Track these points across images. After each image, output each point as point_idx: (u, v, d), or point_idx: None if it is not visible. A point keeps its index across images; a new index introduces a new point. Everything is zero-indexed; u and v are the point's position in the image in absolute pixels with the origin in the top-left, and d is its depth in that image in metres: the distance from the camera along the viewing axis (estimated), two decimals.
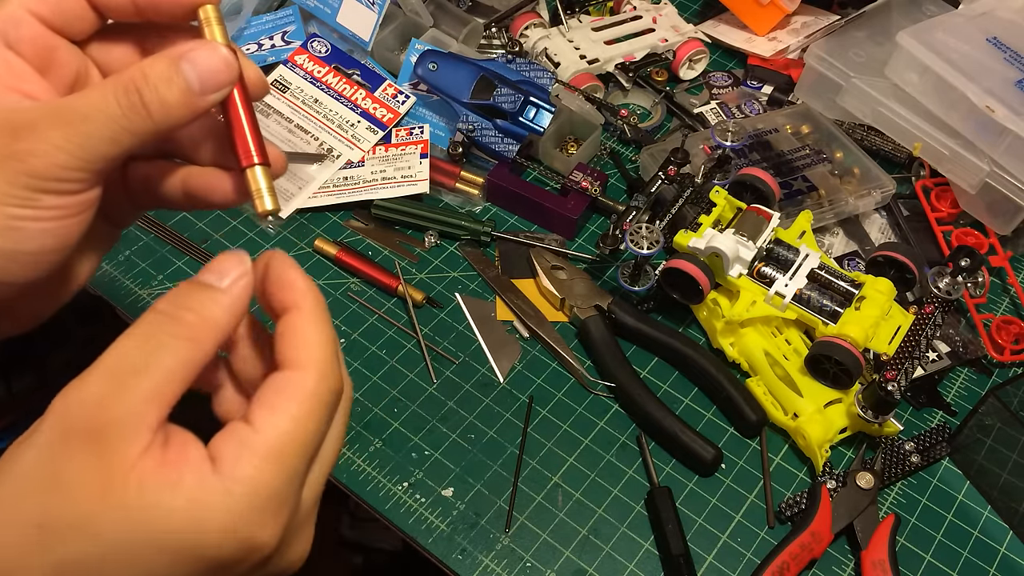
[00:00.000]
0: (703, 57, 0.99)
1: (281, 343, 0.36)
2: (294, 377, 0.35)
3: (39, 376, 1.21)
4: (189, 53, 0.36)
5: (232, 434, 0.33)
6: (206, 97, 0.37)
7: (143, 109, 0.36)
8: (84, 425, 0.32)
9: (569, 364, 0.74)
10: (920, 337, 0.68)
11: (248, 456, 0.33)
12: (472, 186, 0.86)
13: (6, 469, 0.32)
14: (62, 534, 0.31)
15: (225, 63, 0.37)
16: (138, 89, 0.35)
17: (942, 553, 0.66)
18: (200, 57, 0.36)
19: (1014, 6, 0.85)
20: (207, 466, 0.32)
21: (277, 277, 0.37)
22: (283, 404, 0.34)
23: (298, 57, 0.92)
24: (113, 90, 0.36)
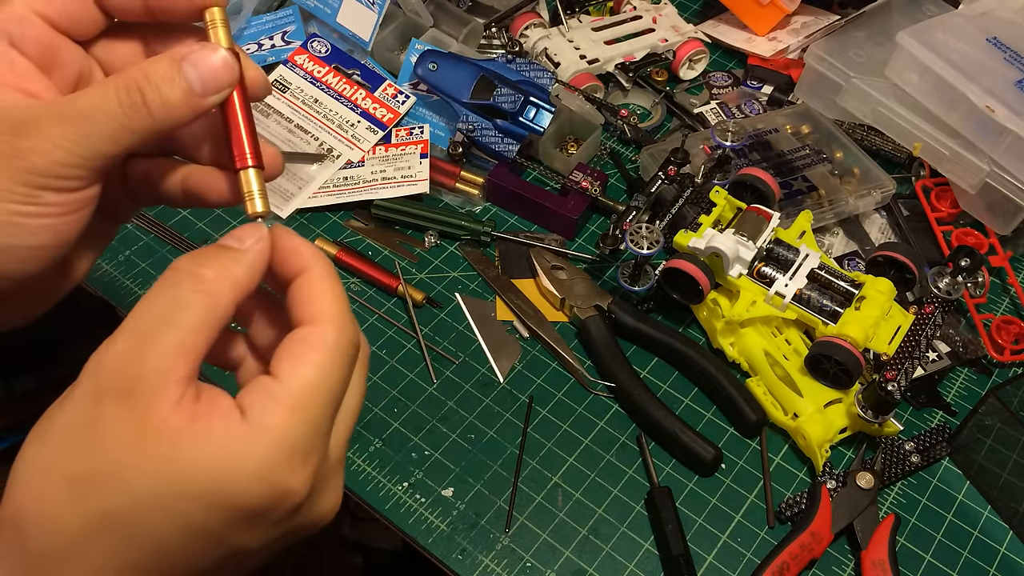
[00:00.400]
0: (703, 57, 0.99)
1: (296, 303, 0.37)
2: (314, 331, 0.36)
3: (39, 376, 1.21)
4: (191, 55, 0.37)
5: (258, 386, 0.34)
6: (207, 98, 0.37)
7: (144, 108, 0.36)
8: (115, 383, 0.33)
9: (569, 364, 0.74)
10: (920, 337, 0.68)
11: (275, 406, 0.33)
12: (472, 186, 0.86)
13: (43, 429, 0.33)
14: (97, 486, 0.32)
15: (226, 65, 0.37)
16: (140, 88, 0.36)
17: (942, 553, 0.66)
18: (202, 58, 0.37)
19: (1014, 6, 0.85)
20: (236, 416, 0.33)
21: (283, 247, 0.38)
22: (305, 355, 0.35)
23: (298, 57, 0.92)
24: (115, 89, 0.36)
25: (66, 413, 0.33)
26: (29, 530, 0.33)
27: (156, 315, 0.34)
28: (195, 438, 0.32)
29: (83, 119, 0.36)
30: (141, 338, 0.33)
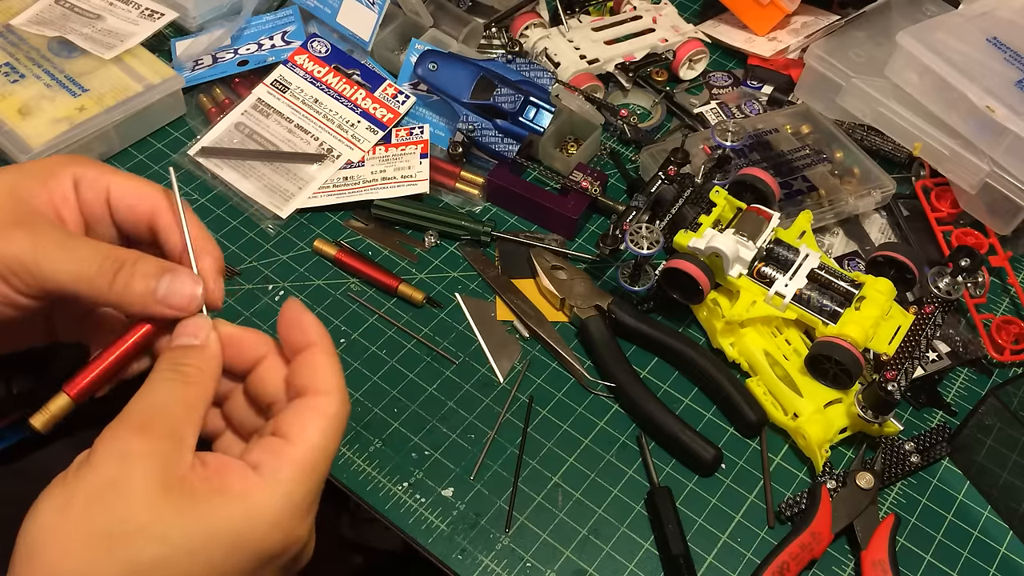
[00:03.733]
0: (703, 57, 0.99)
1: (303, 374, 0.43)
2: (321, 401, 0.42)
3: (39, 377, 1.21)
4: (177, 271, 0.44)
5: (268, 447, 0.40)
6: (159, 308, 0.43)
7: (109, 278, 0.42)
8: (137, 448, 0.37)
9: (569, 364, 0.74)
10: (920, 337, 0.68)
11: (287, 465, 0.39)
12: (472, 186, 0.86)
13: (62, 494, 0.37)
14: (130, 538, 0.36)
15: (191, 299, 0.44)
16: (121, 266, 0.43)
17: (942, 553, 0.66)
18: (179, 281, 0.43)
19: (1014, 6, 0.85)
20: (251, 473, 0.39)
21: (289, 320, 0.44)
22: (314, 422, 0.41)
23: (298, 57, 0.92)
24: (107, 254, 0.43)
25: (87, 478, 0.37)
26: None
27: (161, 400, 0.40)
28: (216, 492, 0.38)
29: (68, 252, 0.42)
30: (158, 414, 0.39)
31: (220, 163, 0.85)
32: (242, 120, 0.88)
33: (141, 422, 0.39)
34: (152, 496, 0.36)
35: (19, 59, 0.88)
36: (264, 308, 0.77)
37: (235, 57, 0.93)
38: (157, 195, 0.47)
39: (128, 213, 0.47)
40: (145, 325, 0.44)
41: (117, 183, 0.47)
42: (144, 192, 0.47)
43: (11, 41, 0.90)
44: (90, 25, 0.92)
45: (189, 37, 0.96)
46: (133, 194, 0.47)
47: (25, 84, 0.86)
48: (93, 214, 0.47)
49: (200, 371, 0.42)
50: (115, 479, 0.36)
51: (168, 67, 0.90)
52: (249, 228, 0.83)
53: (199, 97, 0.92)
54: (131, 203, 0.47)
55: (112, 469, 0.37)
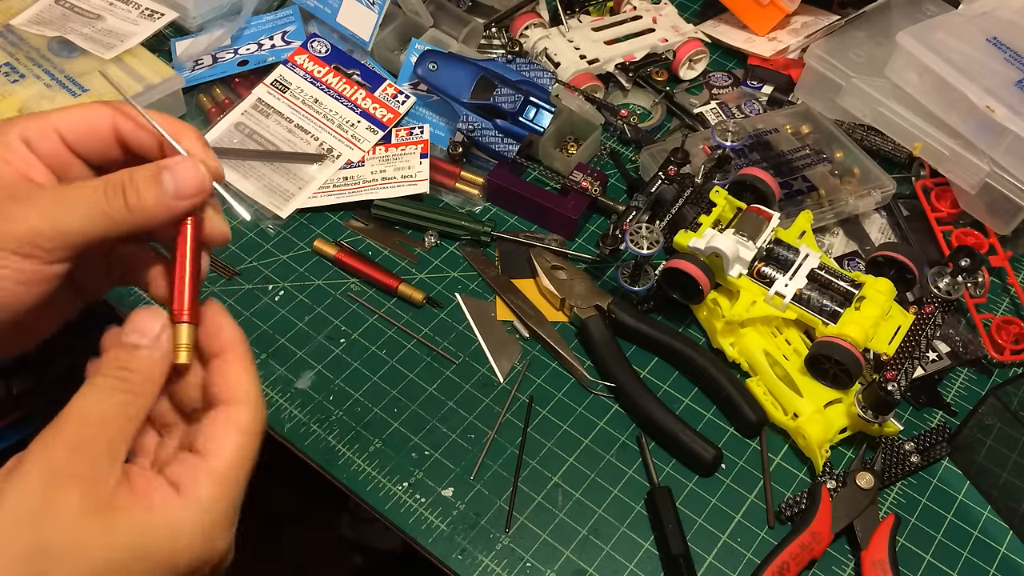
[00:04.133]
0: (703, 57, 0.99)
1: (218, 382, 0.43)
2: (234, 412, 0.42)
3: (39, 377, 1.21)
4: (173, 165, 0.42)
5: (185, 463, 0.40)
6: (180, 202, 0.42)
7: (122, 198, 0.41)
8: (67, 467, 0.37)
9: (569, 364, 0.74)
10: (920, 337, 0.68)
11: (204, 480, 0.40)
12: (472, 186, 0.86)
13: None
14: (58, 559, 0.36)
15: (200, 178, 0.43)
16: (123, 183, 0.42)
17: (942, 553, 0.66)
18: (180, 169, 0.42)
19: (1014, 6, 0.85)
20: (171, 491, 0.39)
21: (208, 324, 0.44)
22: (228, 435, 0.41)
23: (298, 57, 0.92)
24: (104, 183, 0.42)
25: (19, 490, 0.36)
26: None
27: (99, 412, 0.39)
28: (140, 512, 0.38)
29: (71, 201, 0.41)
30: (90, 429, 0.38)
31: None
32: (242, 120, 0.88)
33: (77, 440, 0.38)
34: (79, 520, 0.36)
35: (19, 59, 0.88)
36: (264, 308, 0.77)
37: (235, 57, 0.93)
38: (107, 109, 0.45)
39: (90, 142, 0.45)
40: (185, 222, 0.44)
41: (63, 120, 0.45)
42: (93, 113, 0.45)
43: (11, 41, 0.90)
44: (90, 25, 0.92)
45: (189, 37, 0.96)
46: (83, 121, 0.45)
47: (25, 84, 0.86)
48: (58, 162, 0.45)
49: (146, 380, 0.41)
50: (43, 501, 0.36)
51: (168, 67, 0.90)
52: (249, 228, 0.83)
53: (199, 97, 0.92)
54: (86, 130, 0.45)
55: (40, 488, 0.36)
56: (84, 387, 0.40)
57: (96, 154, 0.46)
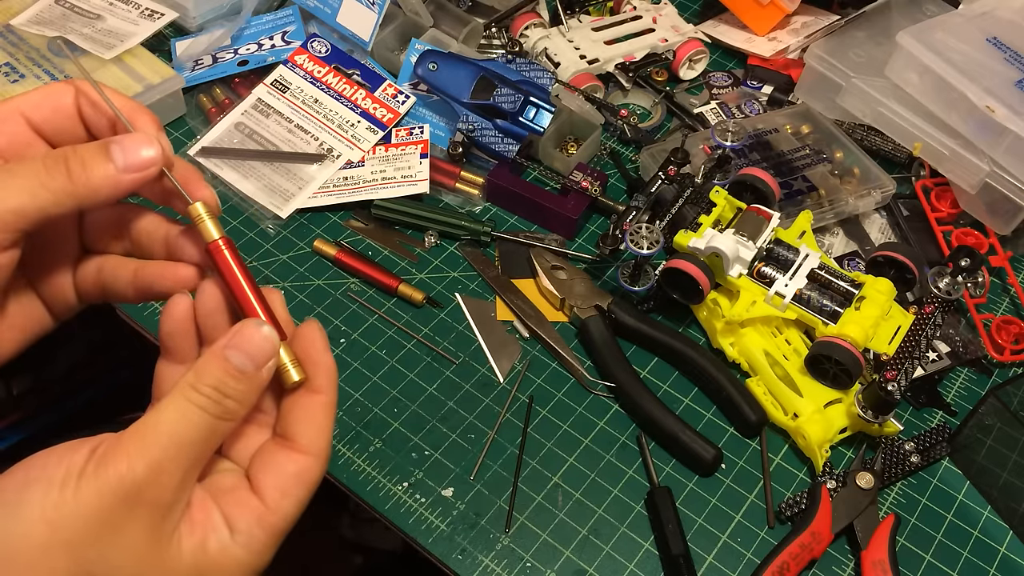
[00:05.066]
0: (703, 57, 0.99)
1: (299, 421, 0.40)
2: (308, 466, 0.40)
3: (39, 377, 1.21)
4: (123, 139, 0.40)
5: (245, 507, 0.39)
6: (128, 175, 0.40)
7: (65, 170, 0.39)
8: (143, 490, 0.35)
9: (569, 364, 0.74)
10: (920, 337, 0.68)
11: (260, 534, 0.38)
12: (472, 186, 0.86)
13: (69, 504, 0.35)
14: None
15: (152, 152, 0.40)
16: (66, 156, 0.39)
17: (942, 553, 0.66)
18: (130, 142, 0.40)
19: (1014, 6, 0.85)
20: (226, 532, 0.38)
21: (307, 351, 0.41)
22: (295, 491, 0.40)
23: (298, 57, 0.92)
24: (45, 157, 0.39)
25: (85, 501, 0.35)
26: None
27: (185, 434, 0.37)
28: (197, 549, 0.37)
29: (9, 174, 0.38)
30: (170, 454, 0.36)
31: (220, 163, 0.85)
32: (242, 120, 0.88)
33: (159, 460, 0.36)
34: (143, 546, 0.36)
35: (19, 59, 0.88)
36: None
37: (235, 57, 0.93)
38: (69, 88, 0.43)
39: (55, 121, 0.43)
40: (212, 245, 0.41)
41: (26, 102, 0.43)
42: (56, 92, 0.43)
43: (11, 41, 0.90)
44: (90, 25, 0.92)
45: (189, 37, 0.96)
46: (46, 101, 0.43)
47: (25, 84, 0.86)
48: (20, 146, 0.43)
49: (240, 407, 0.39)
50: (117, 523, 0.35)
51: (168, 67, 0.90)
52: (249, 228, 0.83)
53: (199, 97, 0.92)
54: (50, 109, 0.43)
55: (115, 507, 0.35)
56: (175, 399, 0.37)
57: (61, 134, 0.44)
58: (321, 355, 0.41)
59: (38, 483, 0.35)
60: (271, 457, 0.40)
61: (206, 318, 0.43)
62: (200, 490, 0.39)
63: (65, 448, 0.36)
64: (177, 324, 0.43)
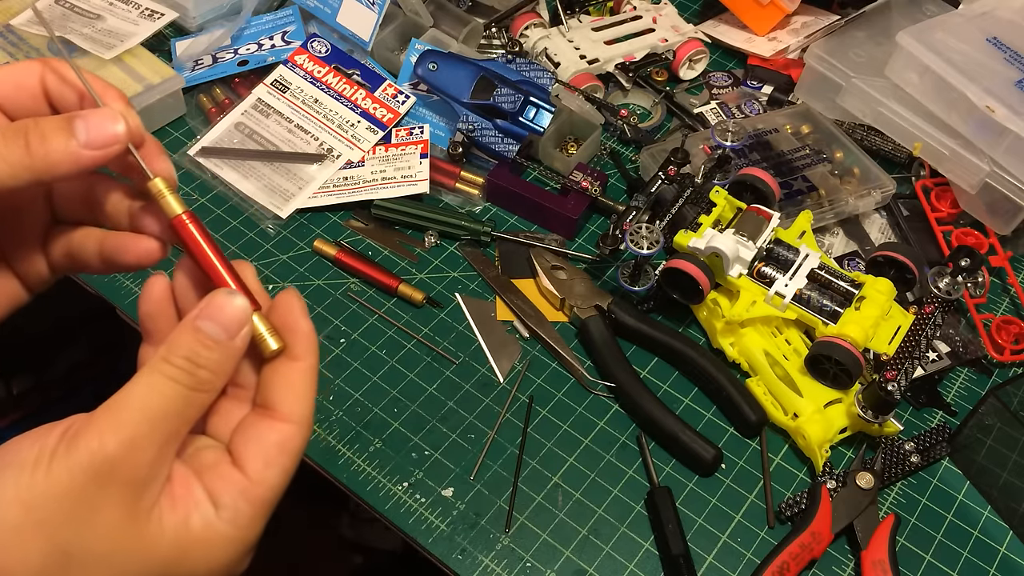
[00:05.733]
0: (703, 57, 0.99)
1: (279, 389, 0.39)
2: (290, 434, 0.39)
3: (39, 377, 1.21)
4: (88, 114, 0.39)
5: (228, 480, 0.37)
6: (90, 152, 0.38)
7: (24, 148, 0.37)
8: (117, 466, 0.34)
9: (569, 364, 0.74)
10: (920, 337, 0.68)
11: (246, 507, 0.37)
12: (472, 186, 0.86)
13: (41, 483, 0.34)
14: (88, 564, 0.34)
15: (117, 129, 0.39)
16: (26, 129, 0.38)
17: (942, 553, 0.66)
18: (95, 117, 0.39)
19: (1014, 6, 0.85)
20: (210, 508, 0.37)
21: (284, 319, 0.40)
22: (279, 460, 0.38)
23: (298, 57, 0.92)
24: (4, 127, 0.38)
25: (55, 484, 0.34)
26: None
27: (158, 407, 0.36)
28: (179, 525, 0.36)
29: None
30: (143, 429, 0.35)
31: (220, 163, 0.85)
32: (242, 120, 0.88)
33: (132, 435, 0.35)
34: (117, 527, 0.35)
35: (19, 59, 0.88)
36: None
37: (235, 57, 0.93)
38: (35, 65, 0.42)
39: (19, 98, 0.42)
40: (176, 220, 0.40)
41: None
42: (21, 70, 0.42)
43: (11, 41, 0.90)
44: (90, 25, 0.92)
45: (189, 37, 0.96)
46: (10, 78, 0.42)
47: None
48: None
49: (215, 378, 0.37)
50: (91, 501, 0.34)
51: (168, 67, 0.90)
52: (249, 228, 0.83)
53: (199, 97, 0.92)
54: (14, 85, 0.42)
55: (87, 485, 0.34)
56: (147, 372, 0.36)
57: (23, 111, 0.42)
58: (299, 321, 0.40)
59: (11, 467, 0.34)
60: (252, 428, 0.39)
61: (184, 297, 0.42)
62: (180, 466, 0.37)
63: (38, 432, 0.36)
64: (155, 305, 0.42)
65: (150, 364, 0.36)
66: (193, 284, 0.42)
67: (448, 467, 0.68)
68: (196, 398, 0.37)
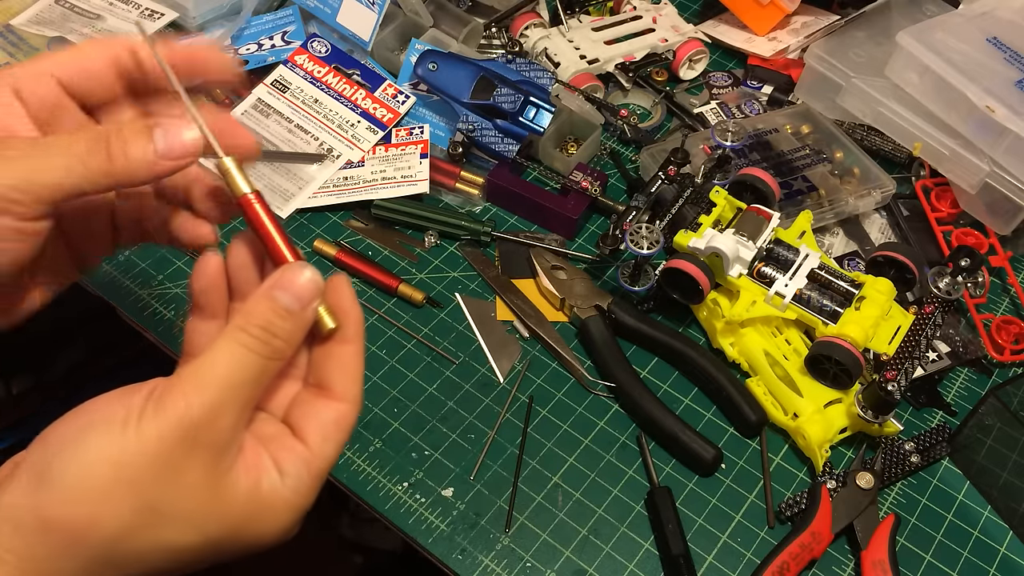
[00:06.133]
0: (703, 57, 0.99)
1: (337, 372, 0.42)
2: (345, 412, 0.42)
3: (39, 377, 1.21)
4: (166, 123, 0.40)
5: (293, 452, 0.40)
6: (165, 162, 0.40)
7: (105, 151, 0.39)
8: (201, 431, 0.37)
9: (569, 364, 0.74)
10: (920, 337, 0.68)
11: (306, 477, 0.40)
12: (472, 186, 0.86)
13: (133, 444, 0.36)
14: (172, 521, 0.36)
15: (192, 139, 0.41)
16: (108, 136, 0.40)
17: (942, 553, 0.66)
18: (172, 127, 0.40)
19: (1014, 6, 0.85)
20: (277, 477, 0.39)
21: (336, 302, 0.42)
22: (336, 436, 0.41)
23: (298, 57, 0.92)
24: (85, 132, 0.40)
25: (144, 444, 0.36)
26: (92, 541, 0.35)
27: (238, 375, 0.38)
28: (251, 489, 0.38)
29: (45, 148, 0.39)
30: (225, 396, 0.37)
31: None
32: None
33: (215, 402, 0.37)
34: (202, 485, 0.37)
35: (19, 59, 0.88)
36: None
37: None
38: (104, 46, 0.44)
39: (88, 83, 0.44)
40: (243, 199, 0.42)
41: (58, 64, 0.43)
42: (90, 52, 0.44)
43: (11, 41, 0.90)
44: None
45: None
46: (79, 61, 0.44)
47: None
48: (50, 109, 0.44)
49: (288, 347, 0.40)
50: (178, 462, 0.36)
51: None
52: None
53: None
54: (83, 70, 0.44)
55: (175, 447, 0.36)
56: (226, 341, 0.38)
57: (94, 94, 0.44)
58: (351, 306, 0.42)
59: (100, 424, 0.36)
60: (309, 405, 0.42)
61: (237, 272, 0.44)
62: (249, 435, 0.40)
63: (122, 392, 0.37)
64: (209, 280, 0.44)
65: (228, 332, 0.38)
66: (249, 262, 0.44)
67: (448, 467, 0.68)
68: (270, 366, 0.39)
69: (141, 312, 0.76)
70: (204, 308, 0.44)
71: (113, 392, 0.38)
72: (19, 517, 0.35)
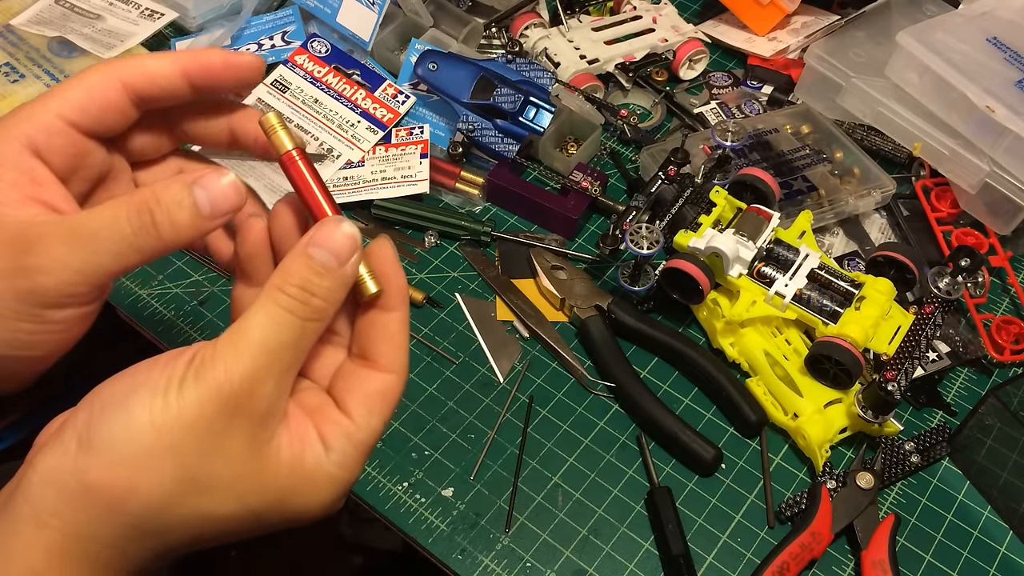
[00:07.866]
0: (703, 57, 0.99)
1: (382, 342, 0.41)
2: (391, 383, 0.40)
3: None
4: (202, 178, 0.39)
5: (339, 425, 0.39)
6: (215, 220, 0.39)
7: (153, 229, 0.38)
8: (241, 404, 0.36)
9: (569, 364, 0.74)
10: (920, 337, 0.68)
11: (351, 451, 0.39)
12: (472, 186, 0.86)
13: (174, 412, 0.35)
14: (212, 490, 0.36)
15: (234, 189, 0.39)
16: (151, 210, 0.38)
17: (942, 553, 0.66)
18: (211, 182, 0.39)
19: (1014, 6, 0.85)
20: (322, 450, 0.38)
21: (379, 267, 0.41)
22: (381, 409, 0.40)
23: (298, 57, 0.92)
24: (127, 210, 0.38)
25: (186, 410, 0.35)
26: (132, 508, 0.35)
27: (277, 339, 0.37)
28: (294, 461, 0.38)
29: (91, 238, 0.38)
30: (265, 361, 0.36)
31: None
32: None
33: (255, 368, 0.36)
34: (243, 454, 0.36)
35: (19, 59, 0.88)
36: None
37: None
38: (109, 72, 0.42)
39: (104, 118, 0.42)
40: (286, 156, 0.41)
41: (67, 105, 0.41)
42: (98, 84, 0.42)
43: (11, 41, 0.90)
44: (90, 25, 0.92)
45: (189, 37, 0.96)
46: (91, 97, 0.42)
47: (25, 84, 0.86)
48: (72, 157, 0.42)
49: (328, 307, 0.38)
50: (219, 430, 0.35)
51: None
52: None
53: None
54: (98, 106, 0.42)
55: (215, 415, 0.35)
56: (263, 303, 0.37)
57: (110, 128, 0.43)
58: (394, 271, 0.41)
59: (144, 388, 0.36)
60: (354, 377, 0.40)
61: (281, 238, 0.43)
62: (293, 405, 0.39)
63: (168, 356, 0.37)
64: (254, 247, 0.43)
65: (264, 294, 0.37)
66: (293, 226, 0.43)
67: (448, 467, 0.68)
68: (310, 327, 0.38)
69: (141, 312, 0.76)
70: (249, 275, 0.44)
71: (160, 356, 0.37)
72: (63, 481, 0.35)
